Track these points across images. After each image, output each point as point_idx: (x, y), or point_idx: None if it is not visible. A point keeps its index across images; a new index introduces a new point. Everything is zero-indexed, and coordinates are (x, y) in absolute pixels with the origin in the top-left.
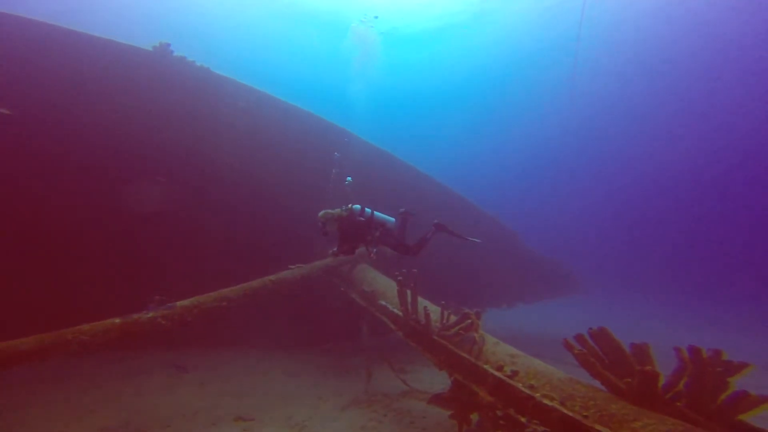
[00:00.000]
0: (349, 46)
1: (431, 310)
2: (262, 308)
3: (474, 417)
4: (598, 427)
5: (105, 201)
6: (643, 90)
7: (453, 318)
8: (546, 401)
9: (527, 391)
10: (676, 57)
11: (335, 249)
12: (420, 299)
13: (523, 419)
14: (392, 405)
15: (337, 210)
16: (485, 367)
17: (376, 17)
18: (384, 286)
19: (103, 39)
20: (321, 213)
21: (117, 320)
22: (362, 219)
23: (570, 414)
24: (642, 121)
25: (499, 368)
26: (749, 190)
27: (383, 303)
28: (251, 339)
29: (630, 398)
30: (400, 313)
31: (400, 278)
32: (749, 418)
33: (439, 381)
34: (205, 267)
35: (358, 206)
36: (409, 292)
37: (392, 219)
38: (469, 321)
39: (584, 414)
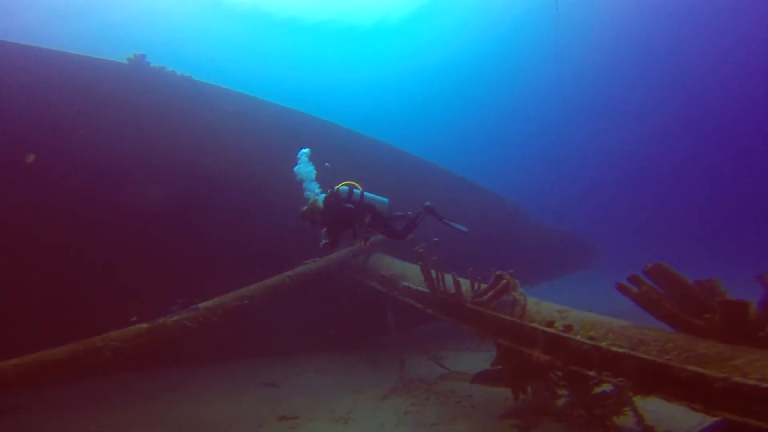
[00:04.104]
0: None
1: (459, 281)
2: (285, 314)
3: (528, 389)
4: (691, 367)
5: (102, 215)
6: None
7: (484, 286)
8: (615, 349)
9: (590, 342)
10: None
11: (325, 241)
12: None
13: (591, 373)
14: (432, 389)
15: (320, 197)
16: (533, 325)
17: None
18: (403, 269)
19: (77, 55)
20: (303, 208)
21: (144, 325)
22: (350, 205)
23: (649, 358)
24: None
25: (550, 324)
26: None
27: (406, 284)
28: (276, 346)
29: (716, 336)
30: (427, 290)
31: (421, 250)
32: None
33: (477, 365)
34: (204, 272)
35: (345, 188)
36: (433, 270)
37: (385, 200)
38: (504, 282)
39: (666, 357)
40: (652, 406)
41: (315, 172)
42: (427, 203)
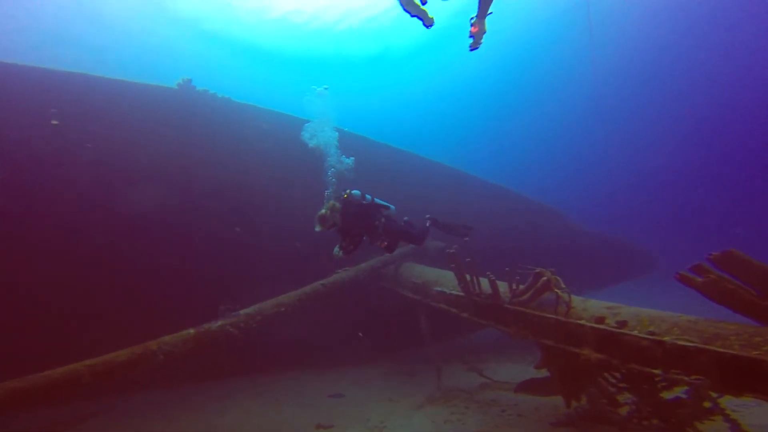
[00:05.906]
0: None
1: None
2: (321, 326)
3: (582, 397)
4: None
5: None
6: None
7: (522, 286)
8: (683, 343)
9: (650, 337)
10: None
11: (339, 249)
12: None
13: (656, 371)
14: (473, 398)
15: (333, 200)
16: (581, 322)
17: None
18: (435, 276)
19: (134, 83)
20: (321, 211)
21: (191, 330)
22: (365, 202)
23: (731, 353)
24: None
25: (600, 321)
26: None
27: (439, 289)
28: (312, 358)
29: None
30: (461, 293)
31: (452, 252)
32: None
33: (520, 375)
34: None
35: (357, 192)
36: (467, 274)
37: (392, 206)
38: (545, 279)
39: (755, 353)
40: (756, 420)
41: (337, 133)
42: (428, 215)
